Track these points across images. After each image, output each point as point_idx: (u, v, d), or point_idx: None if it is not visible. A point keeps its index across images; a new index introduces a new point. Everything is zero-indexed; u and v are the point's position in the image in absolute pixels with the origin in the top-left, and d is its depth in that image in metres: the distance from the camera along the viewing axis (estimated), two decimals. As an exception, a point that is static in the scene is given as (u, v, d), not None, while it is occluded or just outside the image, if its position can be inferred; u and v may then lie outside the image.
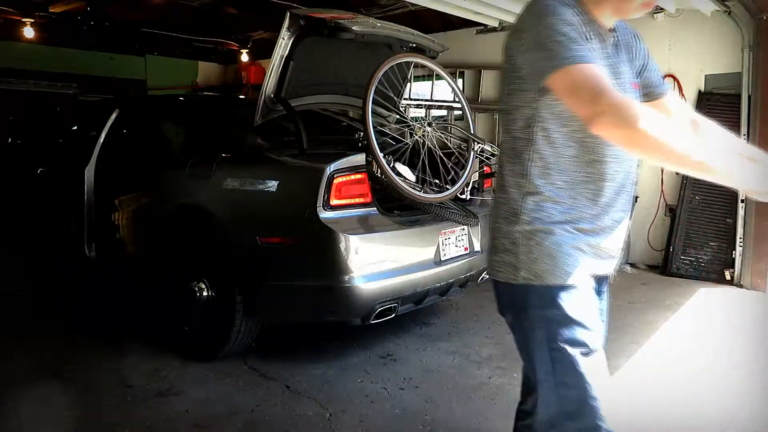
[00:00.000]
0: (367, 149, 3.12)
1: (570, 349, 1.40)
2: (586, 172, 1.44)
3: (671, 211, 5.77)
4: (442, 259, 3.33)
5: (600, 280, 1.59)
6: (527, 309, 1.46)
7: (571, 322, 1.41)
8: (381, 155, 3.10)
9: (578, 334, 1.41)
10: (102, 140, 4.01)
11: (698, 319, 4.35)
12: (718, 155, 1.22)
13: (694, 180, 5.55)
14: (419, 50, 3.84)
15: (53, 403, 2.81)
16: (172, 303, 3.48)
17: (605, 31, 1.48)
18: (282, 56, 3.29)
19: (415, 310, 3.55)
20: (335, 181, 2.94)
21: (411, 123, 3.60)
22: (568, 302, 1.41)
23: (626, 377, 3.22)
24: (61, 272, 4.83)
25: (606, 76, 1.27)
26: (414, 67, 3.97)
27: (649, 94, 1.62)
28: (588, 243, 1.46)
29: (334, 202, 2.94)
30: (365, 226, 3.04)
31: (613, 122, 1.20)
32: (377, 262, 3.01)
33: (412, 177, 3.30)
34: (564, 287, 1.42)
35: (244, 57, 9.61)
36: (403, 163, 3.34)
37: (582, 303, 1.44)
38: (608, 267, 1.55)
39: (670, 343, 3.73)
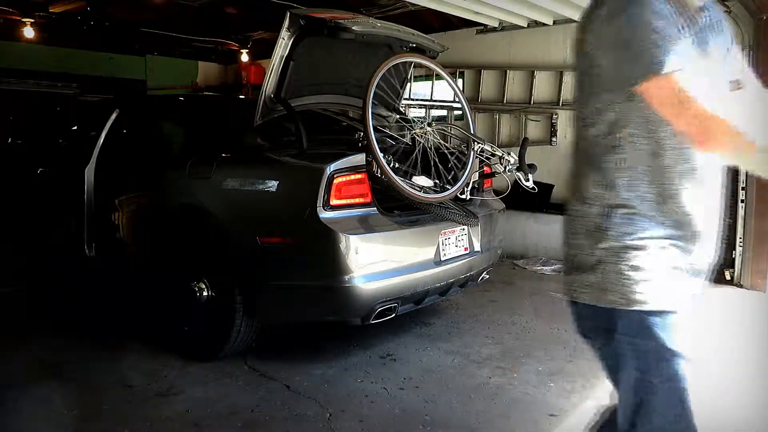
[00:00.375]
0: (367, 149, 3.11)
1: (668, 384, 1.25)
2: (680, 183, 1.26)
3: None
4: (442, 259, 3.33)
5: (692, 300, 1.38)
6: (615, 335, 1.29)
7: (669, 353, 1.25)
8: (381, 155, 3.10)
9: (677, 366, 1.25)
10: (102, 140, 4.00)
11: (698, 319, 4.34)
12: None
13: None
14: (419, 50, 3.84)
15: (53, 403, 2.81)
16: (172, 303, 3.48)
17: (696, 13, 1.25)
18: (282, 56, 3.29)
19: (415, 310, 3.55)
20: (335, 181, 2.94)
21: (411, 123, 3.60)
22: (666, 331, 1.24)
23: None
24: (61, 272, 4.83)
25: (709, 84, 1.16)
26: (414, 67, 3.97)
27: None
28: (686, 260, 1.28)
29: (334, 202, 2.94)
30: (365, 226, 3.04)
31: (728, 143, 1.13)
32: (377, 262, 3.02)
33: (430, 183, 3.30)
34: (661, 313, 1.24)
35: (244, 57, 9.60)
36: (403, 163, 3.34)
37: (681, 330, 1.27)
38: (701, 284, 1.38)
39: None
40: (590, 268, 1.31)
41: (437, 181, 3.37)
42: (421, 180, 3.30)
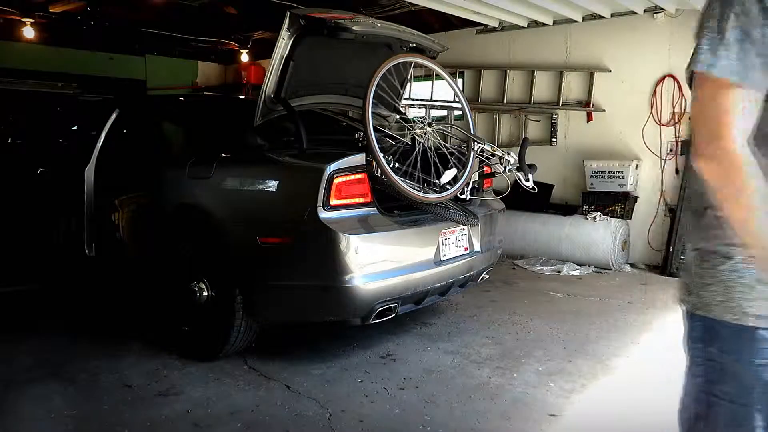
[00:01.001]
0: (367, 149, 3.12)
1: (731, 404, 1.18)
2: None
3: (671, 211, 5.78)
4: (442, 259, 3.33)
5: None
6: (690, 339, 1.26)
7: (740, 371, 1.17)
8: (381, 155, 3.10)
9: (746, 388, 1.17)
10: (102, 140, 4.01)
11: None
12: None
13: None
14: (419, 50, 3.84)
15: (53, 403, 2.81)
16: (172, 303, 3.48)
17: None
18: (282, 56, 3.29)
19: (415, 310, 3.55)
20: (335, 181, 2.94)
21: (411, 123, 3.60)
22: (739, 346, 1.17)
23: (626, 377, 3.22)
24: (61, 272, 4.83)
25: (744, 111, 1.08)
26: (414, 67, 3.97)
27: None
28: None
29: (334, 202, 2.94)
30: (365, 226, 3.03)
31: (718, 173, 1.09)
32: (377, 262, 3.01)
33: (452, 173, 3.33)
34: (739, 327, 1.16)
35: (244, 57, 9.61)
36: (403, 163, 3.34)
37: (759, 351, 1.16)
38: None
39: (670, 343, 3.73)
40: (684, 268, 1.29)
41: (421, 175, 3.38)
42: (450, 173, 3.32)
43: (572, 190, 6.50)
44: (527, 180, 3.58)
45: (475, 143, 3.56)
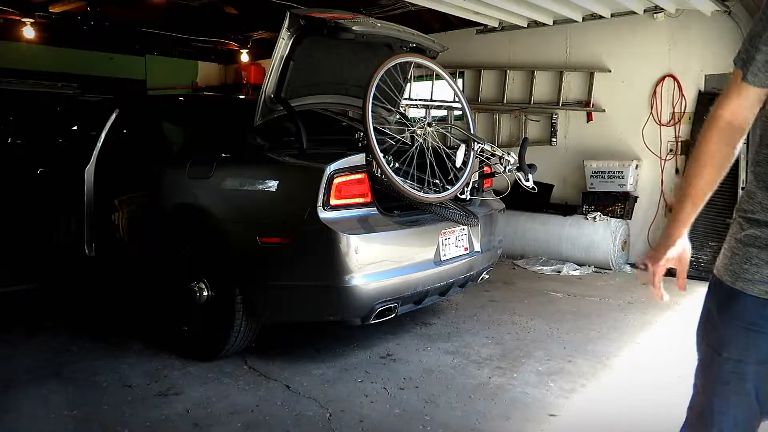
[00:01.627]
0: (367, 149, 3.12)
1: (710, 351, 1.33)
2: None
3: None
4: (442, 259, 3.33)
5: None
6: (706, 292, 1.38)
7: (722, 326, 1.30)
8: (381, 155, 3.10)
9: (722, 344, 1.29)
10: (102, 140, 4.01)
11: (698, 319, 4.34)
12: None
13: (694, 180, 5.56)
14: (419, 50, 3.84)
15: (53, 403, 2.81)
16: (172, 303, 3.48)
17: None
18: (282, 56, 3.29)
19: (415, 310, 3.56)
20: (335, 181, 2.94)
21: (411, 123, 3.60)
22: (728, 305, 1.29)
23: (626, 377, 3.22)
24: (61, 272, 4.83)
25: (754, 101, 1.26)
26: (414, 67, 3.97)
27: None
28: None
29: (334, 202, 2.94)
30: (365, 226, 3.04)
31: (704, 125, 1.32)
32: (377, 262, 3.02)
33: (463, 151, 3.40)
34: (731, 289, 1.27)
35: (244, 57, 9.60)
36: (403, 163, 3.34)
37: (741, 317, 1.26)
38: None
39: (670, 343, 3.73)
40: None
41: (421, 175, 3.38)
42: (461, 152, 3.35)
43: (572, 190, 6.51)
44: (527, 180, 3.58)
45: (475, 143, 3.56)
